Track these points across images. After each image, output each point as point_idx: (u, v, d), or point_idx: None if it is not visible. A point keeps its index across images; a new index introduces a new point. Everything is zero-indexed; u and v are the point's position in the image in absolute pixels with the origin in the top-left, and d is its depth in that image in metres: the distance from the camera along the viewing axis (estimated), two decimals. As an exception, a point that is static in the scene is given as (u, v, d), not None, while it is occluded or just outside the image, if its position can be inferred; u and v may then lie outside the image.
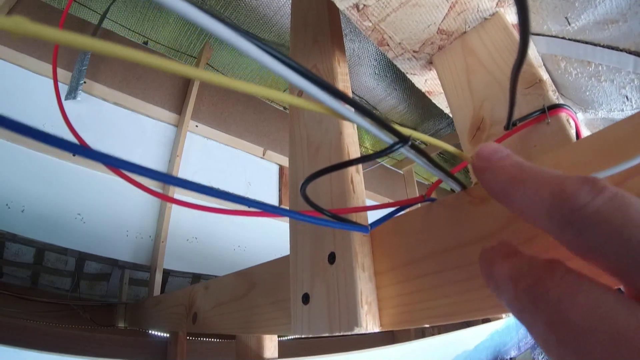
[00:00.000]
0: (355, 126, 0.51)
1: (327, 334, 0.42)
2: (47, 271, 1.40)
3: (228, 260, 1.51)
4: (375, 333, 0.42)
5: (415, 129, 2.07)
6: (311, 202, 0.31)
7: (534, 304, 0.20)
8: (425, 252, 0.39)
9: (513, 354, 1.60)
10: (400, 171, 2.45)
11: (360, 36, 1.45)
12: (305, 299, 0.45)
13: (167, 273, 1.31)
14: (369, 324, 0.39)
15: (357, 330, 0.39)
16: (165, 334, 1.15)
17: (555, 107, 0.46)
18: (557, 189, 0.20)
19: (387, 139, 0.27)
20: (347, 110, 0.23)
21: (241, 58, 1.71)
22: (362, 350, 0.85)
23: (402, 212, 0.40)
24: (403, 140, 0.27)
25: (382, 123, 0.25)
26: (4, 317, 1.18)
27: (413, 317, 0.39)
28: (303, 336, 0.45)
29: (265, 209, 0.24)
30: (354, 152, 0.47)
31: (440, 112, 1.97)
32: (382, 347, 0.93)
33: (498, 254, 0.24)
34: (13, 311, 1.24)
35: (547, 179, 0.21)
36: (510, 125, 0.42)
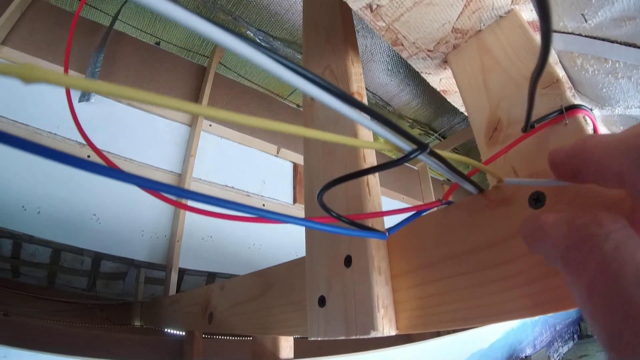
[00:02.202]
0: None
1: (343, 337, 0.42)
2: (64, 271, 1.42)
3: (243, 259, 1.51)
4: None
5: (429, 124, 2.06)
6: (328, 209, 0.31)
7: (588, 244, 0.20)
8: (442, 255, 0.39)
9: (528, 352, 1.59)
10: (414, 167, 2.44)
11: (372, 32, 1.45)
12: (322, 301, 0.45)
13: (182, 272, 1.32)
14: (386, 328, 0.39)
15: (373, 334, 0.39)
16: (181, 333, 1.16)
17: (573, 108, 0.45)
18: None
19: (405, 146, 0.26)
20: (364, 118, 0.23)
21: (253, 57, 1.70)
22: (378, 350, 0.85)
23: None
24: (422, 147, 0.26)
25: (400, 130, 0.25)
26: (22, 317, 1.20)
27: (429, 321, 0.39)
28: (319, 338, 0.45)
29: (281, 220, 0.24)
30: (369, 154, 0.47)
31: (453, 107, 1.95)
32: (398, 346, 0.93)
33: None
34: (30, 311, 1.26)
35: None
36: (528, 127, 0.42)
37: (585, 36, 0.65)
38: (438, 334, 1.39)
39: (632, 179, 0.21)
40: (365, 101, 0.52)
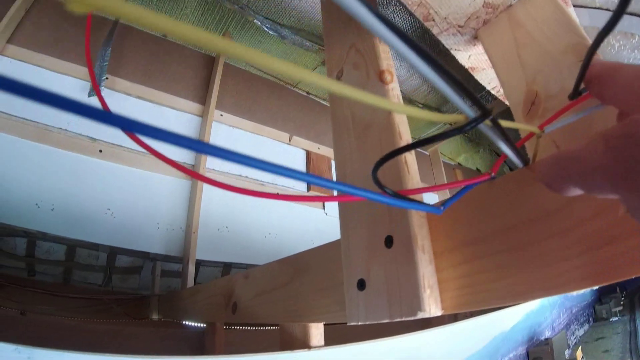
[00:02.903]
0: (402, 102, 0.49)
1: (386, 320, 0.41)
2: (79, 267, 1.42)
3: (259, 248, 1.51)
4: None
5: (439, 109, 2.04)
6: (381, 184, 0.29)
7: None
8: (488, 231, 0.37)
9: (547, 334, 1.59)
10: (425, 152, 2.41)
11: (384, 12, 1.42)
12: (361, 285, 0.44)
13: (198, 263, 1.32)
14: (432, 308, 0.38)
15: (420, 315, 0.38)
16: (200, 325, 1.16)
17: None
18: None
19: (469, 111, 0.25)
20: (439, 78, 0.21)
21: (261, 45, 1.68)
22: (402, 335, 0.84)
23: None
24: (486, 113, 0.25)
25: (471, 95, 0.23)
26: (39, 315, 1.20)
27: (476, 299, 0.38)
28: (360, 323, 0.44)
29: (334, 188, 0.23)
30: (405, 131, 0.46)
31: (465, 91, 1.93)
32: (425, 330, 0.92)
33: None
34: (47, 308, 1.26)
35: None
36: (576, 94, 0.40)
37: (613, 10, 0.64)
38: (455, 318, 1.39)
39: None
40: (395, 79, 0.50)
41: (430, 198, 2.22)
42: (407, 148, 0.27)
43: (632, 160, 0.19)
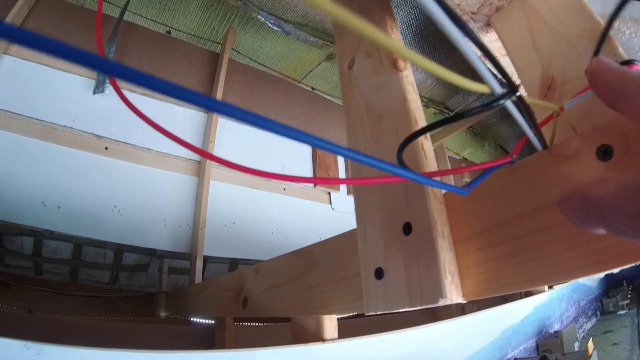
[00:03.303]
0: (417, 92, 0.49)
1: (407, 309, 0.41)
2: (86, 265, 1.41)
3: (266, 244, 1.50)
4: (415, 311, 0.41)
5: (443, 103, 2.03)
6: (406, 166, 0.29)
7: None
8: (508, 215, 0.37)
9: (556, 327, 1.58)
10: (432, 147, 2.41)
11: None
12: (379, 273, 0.44)
13: (205, 259, 1.31)
14: (453, 295, 0.38)
15: (441, 302, 0.38)
16: (208, 321, 1.15)
17: (628, 63, 0.43)
18: None
19: (498, 87, 0.25)
20: (473, 51, 0.21)
21: (265, 41, 1.68)
22: (414, 328, 0.84)
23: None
24: (514, 89, 0.25)
25: (500, 69, 0.23)
26: (47, 313, 1.20)
27: (498, 285, 0.37)
28: (379, 312, 0.44)
29: (371, 164, 0.23)
30: (420, 118, 0.46)
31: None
32: (437, 322, 0.92)
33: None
34: (54, 307, 1.26)
35: None
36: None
37: (625, -4, 0.63)
38: (463, 311, 1.38)
39: None
40: (409, 67, 0.50)
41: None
42: (438, 124, 0.26)
43: None
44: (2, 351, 0.50)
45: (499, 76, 0.25)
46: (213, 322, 1.09)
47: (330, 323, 0.65)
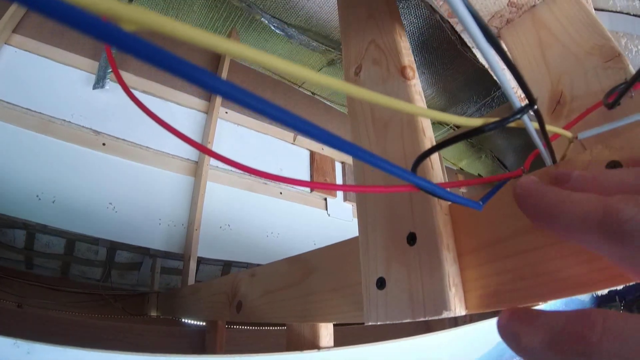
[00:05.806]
0: (424, 101, 0.49)
1: (408, 320, 0.40)
2: (78, 261, 1.40)
3: (261, 247, 1.49)
4: (408, 323, 0.40)
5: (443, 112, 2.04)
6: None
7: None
8: (516, 229, 0.36)
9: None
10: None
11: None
12: (381, 283, 0.43)
13: (198, 261, 1.30)
14: (457, 307, 0.37)
15: (445, 315, 0.37)
16: (200, 323, 1.14)
17: (634, 81, 0.43)
18: (608, 205, 0.22)
19: (517, 101, 0.24)
20: (498, 63, 0.20)
21: (267, 44, 1.68)
22: (410, 338, 0.83)
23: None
24: (532, 102, 0.24)
25: (521, 82, 0.23)
26: (36, 308, 1.19)
27: (503, 299, 0.37)
28: (379, 323, 0.43)
29: (387, 169, 0.22)
30: (427, 127, 0.45)
31: (468, 96, 1.94)
32: (432, 333, 0.91)
33: (519, 324, 0.26)
34: (44, 302, 1.25)
35: (594, 198, 0.23)
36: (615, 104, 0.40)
37: (634, 15, 0.64)
38: (456, 323, 1.38)
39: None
40: (417, 75, 0.49)
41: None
42: (459, 138, 0.26)
43: None
44: (-9, 348, 0.49)
45: (499, 90, 0.25)
46: (204, 324, 1.08)
47: (326, 331, 0.64)
